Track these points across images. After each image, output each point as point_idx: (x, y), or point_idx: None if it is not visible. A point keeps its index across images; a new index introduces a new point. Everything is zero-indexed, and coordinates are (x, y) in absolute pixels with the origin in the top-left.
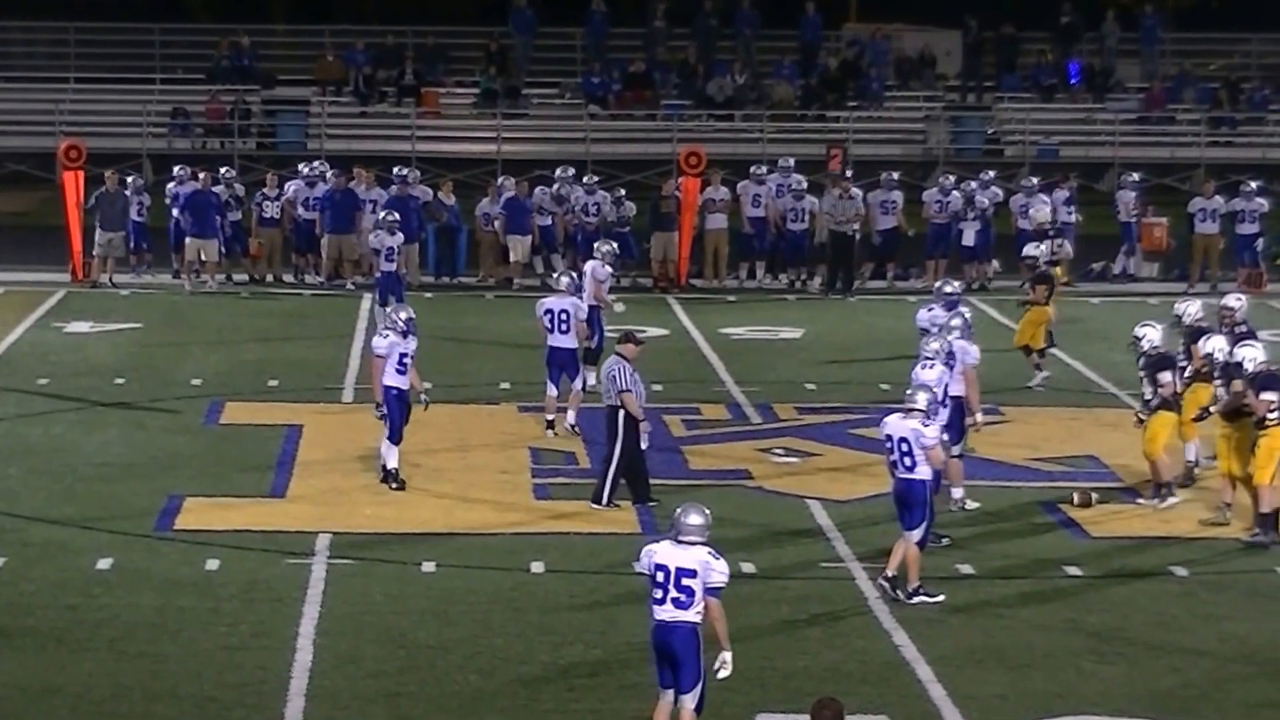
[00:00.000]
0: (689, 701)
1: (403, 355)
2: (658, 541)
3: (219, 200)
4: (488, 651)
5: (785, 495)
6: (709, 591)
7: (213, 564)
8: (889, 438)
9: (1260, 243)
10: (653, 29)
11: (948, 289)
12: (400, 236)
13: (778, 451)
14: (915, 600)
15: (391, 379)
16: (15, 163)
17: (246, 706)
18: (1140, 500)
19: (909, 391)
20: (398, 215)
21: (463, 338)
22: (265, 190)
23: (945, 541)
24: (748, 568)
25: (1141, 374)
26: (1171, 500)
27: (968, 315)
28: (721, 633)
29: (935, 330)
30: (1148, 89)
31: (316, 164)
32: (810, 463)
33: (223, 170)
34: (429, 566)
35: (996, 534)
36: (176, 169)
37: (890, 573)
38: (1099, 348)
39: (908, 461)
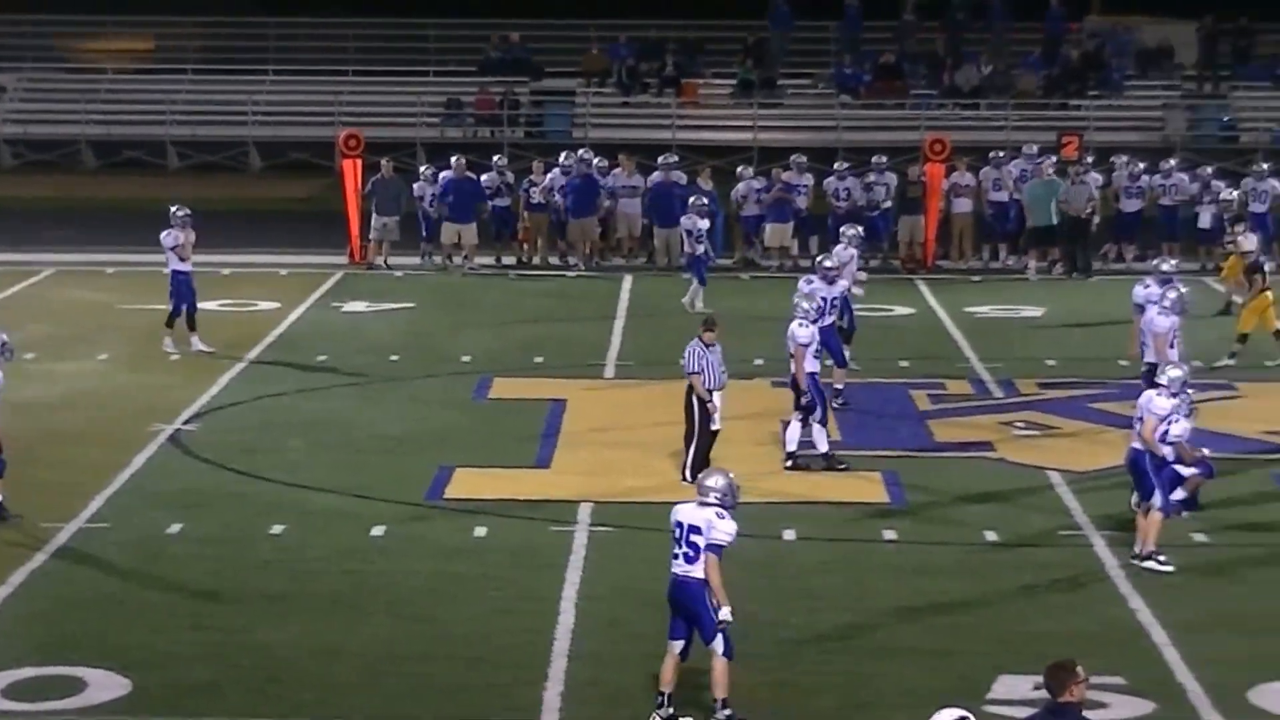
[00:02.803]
0: (717, 648)
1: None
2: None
3: (478, 186)
4: (743, 615)
5: (1027, 466)
6: (709, 548)
7: (481, 531)
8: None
9: None
10: (903, 22)
11: (1165, 266)
12: (707, 222)
13: (1019, 425)
14: (1146, 565)
15: (812, 365)
16: (298, 151)
17: (514, 666)
18: None
19: None
20: (706, 201)
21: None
22: (532, 177)
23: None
24: (991, 536)
25: None
26: None
27: (1183, 291)
28: (714, 586)
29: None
30: None
31: (579, 152)
32: (1051, 435)
33: (495, 158)
34: None
35: (1229, 503)
36: (453, 159)
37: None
38: None
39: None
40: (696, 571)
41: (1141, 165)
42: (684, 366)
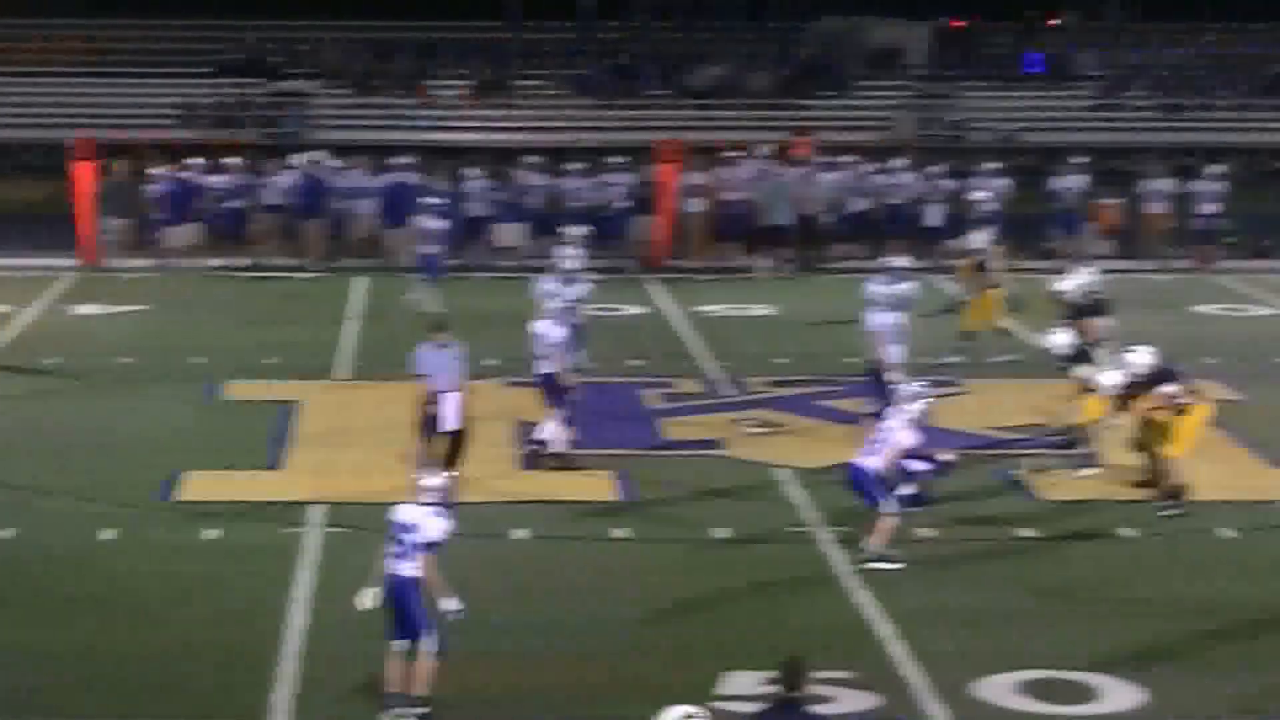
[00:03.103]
0: (426, 646)
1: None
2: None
3: (205, 189)
4: (474, 615)
5: (756, 464)
6: (423, 546)
7: (211, 533)
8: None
9: (1225, 223)
10: (637, 23)
11: (894, 264)
12: (446, 222)
13: (749, 423)
14: (873, 563)
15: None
16: (30, 153)
17: (245, 667)
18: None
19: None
20: (439, 201)
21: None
22: (265, 179)
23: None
24: (720, 533)
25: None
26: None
27: (911, 288)
28: (432, 583)
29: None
30: (1105, 76)
31: (310, 153)
32: (780, 433)
33: (227, 160)
34: None
35: (956, 497)
36: (185, 160)
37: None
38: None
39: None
40: (407, 570)
41: (871, 165)
42: (414, 368)
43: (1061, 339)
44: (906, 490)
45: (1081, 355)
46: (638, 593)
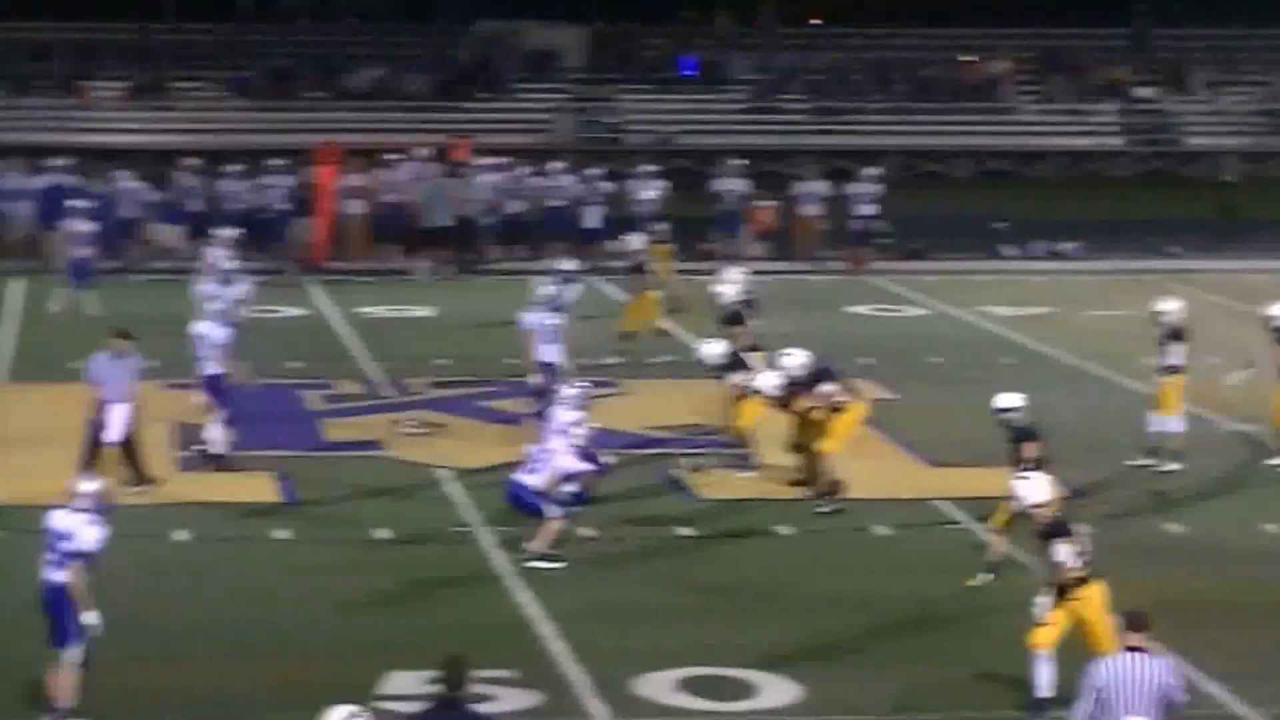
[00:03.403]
0: (69, 655)
1: None
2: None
3: None
4: (130, 618)
5: (417, 464)
6: (73, 554)
7: None
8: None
9: (879, 225)
10: (295, 25)
11: (558, 267)
12: (97, 224)
13: (410, 423)
14: (535, 563)
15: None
16: None
17: None
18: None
19: None
20: (89, 204)
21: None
22: None
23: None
24: (382, 533)
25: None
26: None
27: (566, 289)
28: (77, 593)
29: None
30: (759, 80)
31: None
32: (440, 433)
33: None
34: None
35: (616, 497)
36: None
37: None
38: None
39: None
40: (59, 577)
41: (529, 167)
42: (85, 375)
43: (713, 349)
44: (568, 489)
45: (735, 363)
46: (299, 593)
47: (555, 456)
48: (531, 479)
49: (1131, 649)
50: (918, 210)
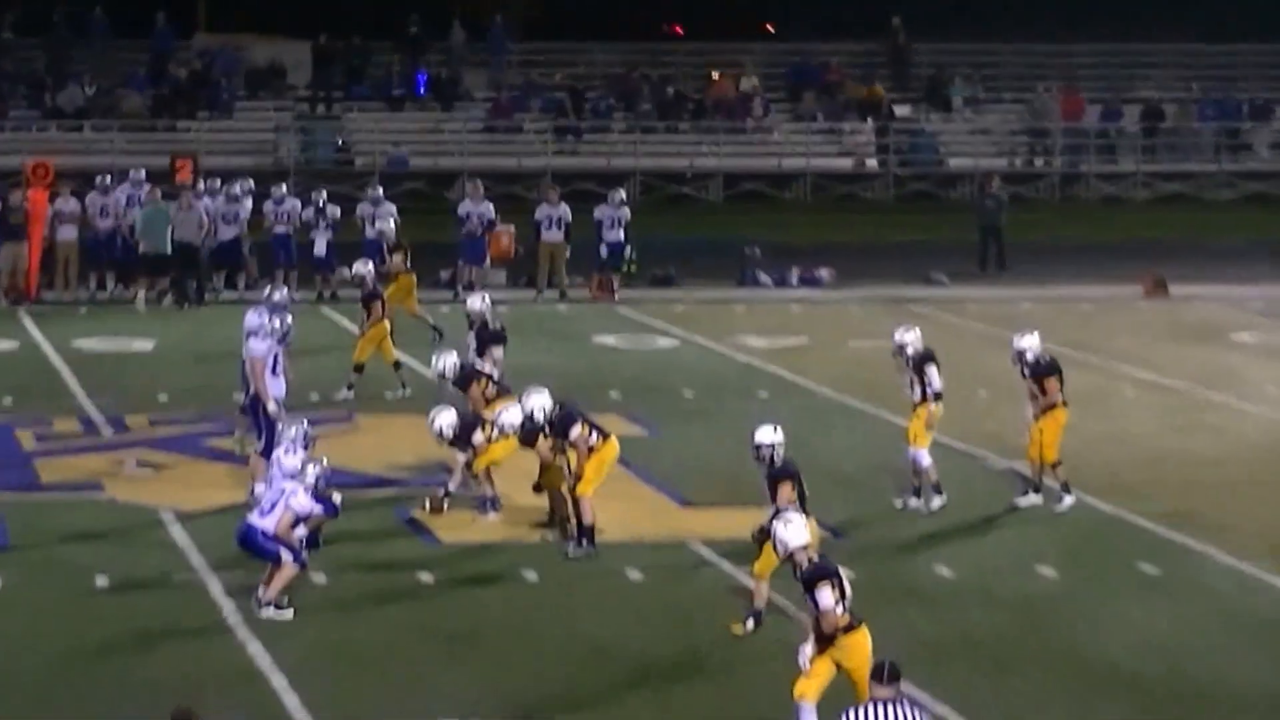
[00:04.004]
0: None
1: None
2: None
3: None
4: None
5: (138, 506)
6: None
7: None
8: None
9: (628, 250)
10: (1, 40)
11: (276, 295)
12: None
13: (130, 463)
14: (265, 612)
15: None
16: None
17: None
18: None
19: None
20: None
21: None
22: None
23: None
24: (101, 580)
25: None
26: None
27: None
28: None
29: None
30: (495, 98)
31: None
32: (162, 474)
33: None
34: None
35: (349, 540)
36: None
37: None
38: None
39: None
40: None
41: (247, 189)
42: None
43: (448, 360)
44: (299, 533)
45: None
46: (11, 646)
47: (287, 497)
48: (263, 521)
49: (878, 701)
50: (666, 234)
